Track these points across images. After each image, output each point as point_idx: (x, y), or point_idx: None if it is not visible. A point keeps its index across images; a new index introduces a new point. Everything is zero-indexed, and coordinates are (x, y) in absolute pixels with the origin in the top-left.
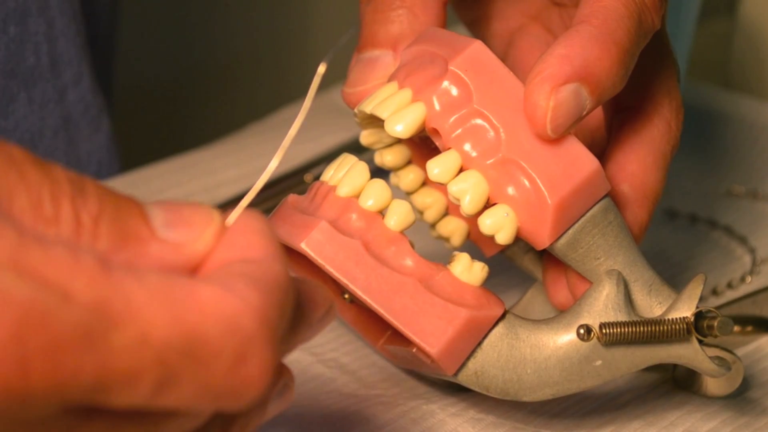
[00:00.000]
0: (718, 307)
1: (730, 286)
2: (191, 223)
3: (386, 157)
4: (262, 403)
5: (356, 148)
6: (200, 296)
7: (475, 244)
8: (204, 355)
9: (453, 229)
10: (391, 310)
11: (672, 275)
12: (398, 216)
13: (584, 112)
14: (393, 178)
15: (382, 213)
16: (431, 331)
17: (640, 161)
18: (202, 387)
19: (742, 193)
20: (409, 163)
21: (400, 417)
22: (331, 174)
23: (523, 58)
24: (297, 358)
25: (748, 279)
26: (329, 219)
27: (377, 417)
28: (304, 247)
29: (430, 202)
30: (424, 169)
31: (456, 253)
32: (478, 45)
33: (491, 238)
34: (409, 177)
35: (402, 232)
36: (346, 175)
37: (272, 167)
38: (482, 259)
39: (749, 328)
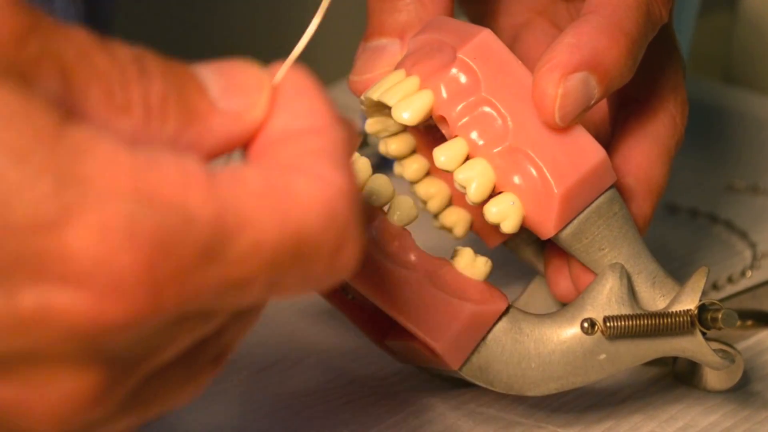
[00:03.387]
0: (719, 302)
1: (730, 280)
2: (245, 89)
3: (391, 146)
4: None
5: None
6: (297, 190)
7: (478, 235)
8: (309, 251)
9: (456, 219)
10: (394, 306)
11: (672, 269)
12: (401, 211)
13: (592, 102)
14: (397, 167)
15: (384, 208)
16: (435, 326)
17: (645, 155)
18: (303, 280)
19: (743, 188)
20: (413, 152)
21: (399, 410)
22: None
23: (530, 53)
24: (297, 353)
25: (749, 273)
26: None
27: (377, 410)
28: None
29: (433, 191)
30: (428, 158)
31: (459, 247)
32: (487, 33)
33: (496, 227)
34: (413, 166)
35: (405, 227)
36: None
37: (315, 24)
38: (485, 253)
39: (749, 322)
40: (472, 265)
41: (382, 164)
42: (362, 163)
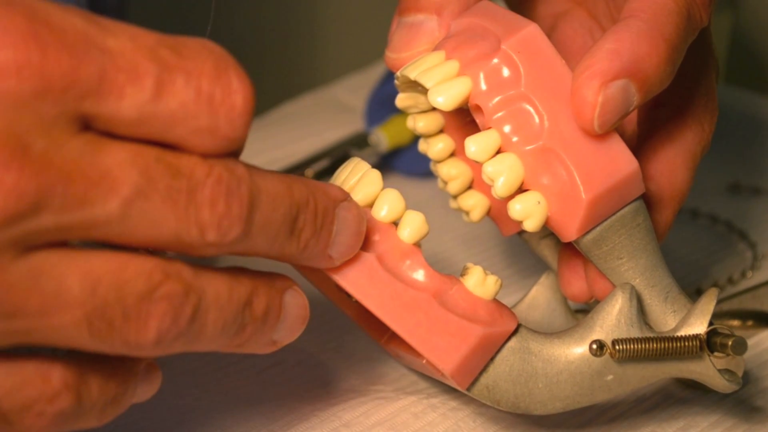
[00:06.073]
0: (719, 302)
1: (730, 280)
2: None
3: (419, 123)
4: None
5: (357, 144)
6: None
7: (494, 221)
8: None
9: (474, 203)
10: (404, 327)
11: (673, 270)
12: (412, 227)
13: (631, 108)
14: (422, 144)
15: (395, 223)
16: (445, 349)
17: (670, 161)
18: (194, 89)
19: (743, 189)
20: (440, 131)
21: (401, 411)
22: (342, 180)
23: (567, 42)
24: (299, 354)
25: (749, 274)
26: None
27: (378, 411)
28: None
29: (455, 173)
30: (455, 139)
31: (469, 264)
32: (533, 28)
33: (517, 222)
34: (438, 145)
35: (415, 244)
36: (358, 184)
37: None
38: (494, 266)
39: (749, 323)
40: (482, 284)
41: (382, 164)
42: (373, 176)
